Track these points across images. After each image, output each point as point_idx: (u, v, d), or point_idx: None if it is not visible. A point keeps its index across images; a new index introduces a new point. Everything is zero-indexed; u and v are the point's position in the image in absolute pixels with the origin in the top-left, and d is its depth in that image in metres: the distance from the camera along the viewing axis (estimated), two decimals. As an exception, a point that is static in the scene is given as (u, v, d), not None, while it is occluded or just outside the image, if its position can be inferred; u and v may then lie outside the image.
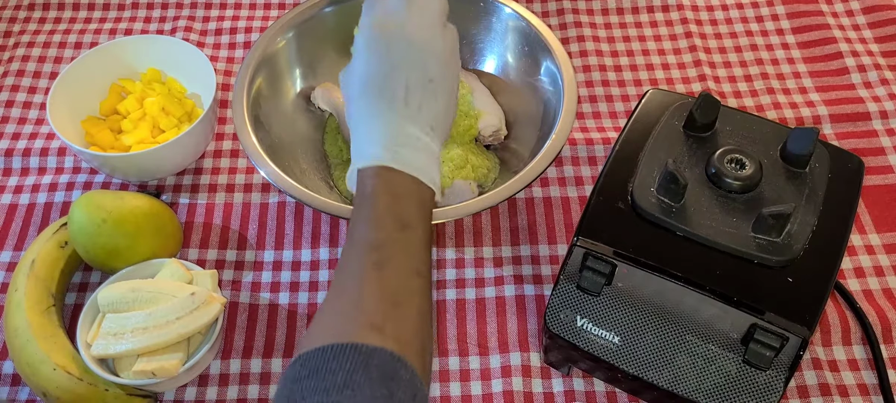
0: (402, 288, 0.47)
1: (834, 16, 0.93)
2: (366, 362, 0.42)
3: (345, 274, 0.49)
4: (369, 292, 0.47)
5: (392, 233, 0.49)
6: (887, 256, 0.73)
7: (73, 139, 0.75)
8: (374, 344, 0.43)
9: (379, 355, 0.43)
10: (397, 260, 0.48)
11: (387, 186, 0.51)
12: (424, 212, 0.52)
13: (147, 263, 0.68)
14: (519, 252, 0.74)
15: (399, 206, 0.50)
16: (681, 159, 0.60)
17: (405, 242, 0.49)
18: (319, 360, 0.43)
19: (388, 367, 0.43)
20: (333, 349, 0.43)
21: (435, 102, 0.54)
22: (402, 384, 0.43)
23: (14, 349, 0.64)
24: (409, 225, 0.50)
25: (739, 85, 0.88)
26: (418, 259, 0.49)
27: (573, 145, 0.81)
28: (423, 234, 0.51)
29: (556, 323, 0.59)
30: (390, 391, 0.42)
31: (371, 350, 0.43)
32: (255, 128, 0.71)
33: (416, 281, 0.49)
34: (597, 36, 0.92)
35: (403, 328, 0.46)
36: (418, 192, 0.52)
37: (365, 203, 0.51)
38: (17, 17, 0.96)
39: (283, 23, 0.78)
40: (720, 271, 0.54)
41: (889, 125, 0.82)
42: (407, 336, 0.46)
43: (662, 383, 0.56)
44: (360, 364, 0.42)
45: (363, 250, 0.49)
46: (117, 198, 0.68)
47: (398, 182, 0.51)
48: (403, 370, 0.43)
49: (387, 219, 0.50)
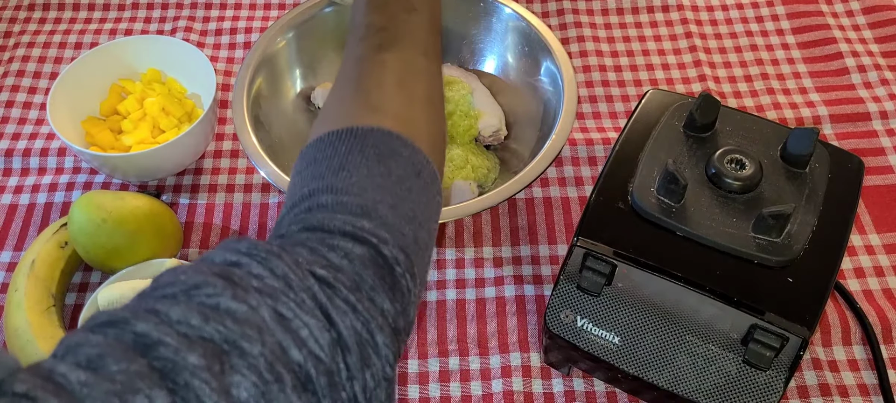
0: (405, 69, 0.45)
1: (834, 16, 0.93)
2: (362, 143, 0.41)
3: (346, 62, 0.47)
4: (369, 74, 0.45)
5: (396, 16, 0.47)
6: (887, 256, 0.73)
7: (73, 139, 0.75)
8: (370, 125, 0.42)
9: (375, 134, 0.41)
10: (401, 42, 0.46)
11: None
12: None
13: (147, 263, 0.68)
14: (519, 252, 0.74)
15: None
16: (681, 159, 0.60)
17: (410, 25, 0.47)
18: (317, 149, 0.42)
19: (386, 146, 0.41)
20: (330, 135, 0.42)
21: None
22: (401, 161, 0.41)
23: (14, 349, 0.64)
24: (415, 8, 0.47)
25: (739, 85, 0.88)
26: (425, 41, 0.47)
27: (573, 145, 0.81)
28: (428, 18, 0.48)
29: (556, 323, 0.59)
30: (388, 168, 0.40)
31: (367, 131, 0.41)
32: (255, 128, 0.71)
33: (422, 61, 0.46)
34: (597, 36, 0.92)
35: (406, 108, 0.44)
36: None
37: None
38: (17, 17, 0.96)
39: (283, 23, 0.78)
40: (720, 271, 0.54)
41: (889, 125, 0.82)
42: (410, 115, 0.43)
43: (662, 383, 0.56)
44: (355, 145, 0.41)
45: (364, 33, 0.46)
46: (117, 198, 0.68)
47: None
48: (403, 147, 0.41)
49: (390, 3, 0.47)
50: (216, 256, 0.36)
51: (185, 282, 0.33)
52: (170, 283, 0.34)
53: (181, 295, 0.33)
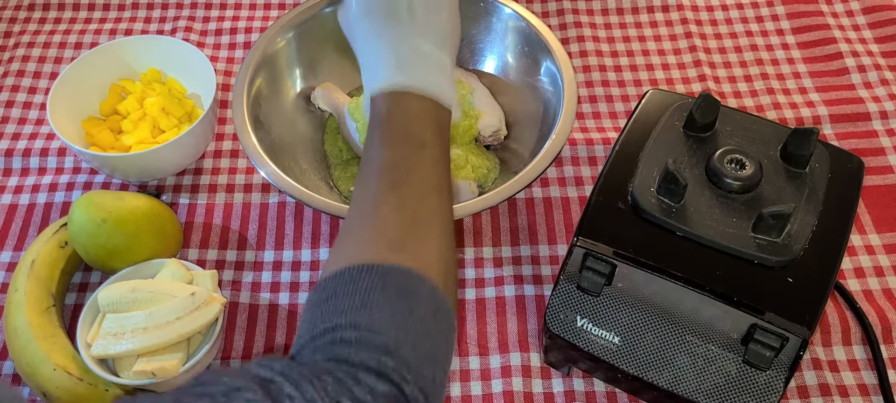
0: (420, 207, 0.46)
1: (834, 16, 0.93)
2: (383, 281, 0.42)
3: (360, 199, 0.47)
4: (386, 212, 0.45)
5: (409, 153, 0.48)
6: (887, 256, 0.73)
7: (73, 139, 0.75)
8: (391, 263, 0.42)
9: (396, 273, 0.42)
10: (414, 179, 0.47)
11: (400, 108, 0.49)
12: (441, 132, 0.50)
13: (147, 263, 0.68)
14: (519, 252, 0.74)
15: (414, 126, 0.49)
16: (681, 159, 0.60)
17: (422, 160, 0.48)
18: (338, 283, 0.42)
19: (407, 284, 0.42)
20: (351, 271, 0.42)
21: (439, 15, 0.53)
22: (421, 300, 0.42)
23: (14, 349, 0.64)
24: (426, 143, 0.48)
25: (739, 85, 0.88)
26: (437, 176, 0.48)
27: (573, 145, 0.81)
28: (440, 152, 0.49)
29: (556, 323, 0.59)
30: (410, 307, 0.41)
31: (388, 269, 0.42)
32: (255, 128, 0.71)
33: (435, 198, 0.47)
34: (597, 36, 0.92)
35: (422, 246, 0.45)
36: (434, 112, 0.50)
37: (378, 127, 0.49)
38: (17, 17, 0.96)
39: (283, 23, 0.78)
40: (720, 271, 0.54)
41: (889, 125, 0.82)
42: (426, 253, 0.44)
43: (662, 383, 0.56)
44: (377, 283, 0.41)
45: (378, 171, 0.47)
46: (117, 198, 0.68)
47: (413, 103, 0.50)
48: (422, 286, 0.42)
49: (402, 140, 0.48)
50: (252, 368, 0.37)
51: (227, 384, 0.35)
52: (211, 383, 0.35)
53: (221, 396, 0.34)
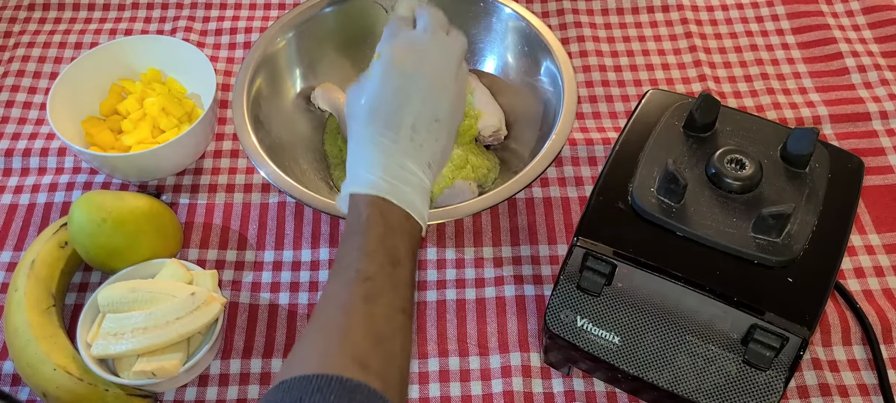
0: (387, 325, 0.48)
1: (834, 16, 0.93)
2: (350, 397, 0.43)
3: (332, 302, 0.49)
4: (356, 325, 0.47)
5: (383, 268, 0.50)
6: (887, 256, 0.73)
7: (73, 139, 0.75)
8: (358, 380, 0.44)
9: (362, 391, 0.43)
10: (386, 297, 0.49)
11: (381, 217, 0.51)
12: (413, 250, 0.53)
13: (147, 263, 0.68)
14: (519, 252, 0.74)
15: (391, 240, 0.51)
16: (681, 159, 0.60)
17: (394, 279, 0.50)
18: (302, 389, 0.43)
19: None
20: (318, 379, 0.43)
21: (436, 142, 0.55)
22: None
23: (14, 349, 0.64)
24: (399, 262, 0.50)
25: (739, 85, 0.88)
26: (404, 297, 0.50)
27: (573, 145, 0.81)
28: (410, 273, 0.51)
29: (556, 323, 0.59)
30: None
31: (355, 386, 0.43)
32: (255, 128, 0.71)
33: (401, 318, 0.49)
34: (597, 36, 0.92)
35: (387, 365, 0.46)
36: (409, 228, 0.52)
37: (358, 231, 0.51)
38: (17, 17, 0.96)
39: (283, 23, 0.78)
40: (720, 271, 0.54)
41: (889, 125, 0.82)
42: (390, 373, 0.46)
43: (662, 383, 0.56)
44: (343, 397, 0.42)
45: (353, 280, 0.49)
46: (117, 198, 0.68)
47: (392, 215, 0.52)
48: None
49: (379, 253, 0.50)
50: None
51: None
52: None
53: None
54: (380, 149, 0.53)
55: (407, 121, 0.54)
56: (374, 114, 0.54)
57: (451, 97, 0.56)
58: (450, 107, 0.56)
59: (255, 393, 0.66)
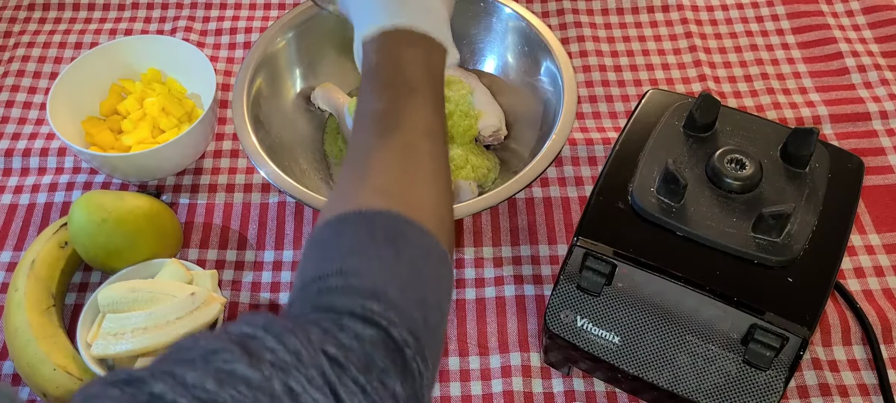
0: (410, 152, 0.46)
1: (834, 16, 0.93)
2: (370, 225, 0.41)
3: (352, 151, 0.48)
4: (375, 160, 0.45)
5: (397, 100, 0.48)
6: (887, 256, 0.73)
7: (73, 139, 0.75)
8: (377, 208, 0.42)
9: (383, 217, 0.42)
10: (404, 126, 0.47)
11: (390, 54, 0.49)
12: (432, 73, 0.50)
13: (147, 263, 0.68)
14: (519, 252, 0.74)
15: (404, 72, 0.49)
16: (681, 159, 0.60)
17: (412, 106, 0.48)
18: (326, 232, 0.42)
19: (394, 228, 0.42)
20: (338, 218, 0.42)
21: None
22: (409, 243, 0.42)
23: (14, 349, 0.64)
24: (415, 89, 0.48)
25: (739, 85, 0.88)
26: (428, 122, 0.48)
27: (573, 145, 0.81)
28: (431, 96, 0.49)
29: (556, 323, 0.59)
30: (397, 251, 0.41)
31: (374, 214, 0.42)
32: (255, 128, 0.71)
33: (426, 143, 0.47)
34: (597, 36, 0.92)
35: (412, 190, 0.44)
36: (424, 54, 0.50)
37: (368, 76, 0.49)
38: (17, 17, 0.96)
39: (283, 23, 0.78)
40: (720, 271, 0.54)
41: (889, 125, 0.82)
42: (416, 197, 0.44)
43: (662, 383, 0.56)
44: (363, 228, 0.41)
45: (368, 121, 0.47)
46: (117, 198, 0.68)
47: (402, 47, 0.49)
48: (411, 229, 0.42)
49: (391, 87, 0.48)
50: (234, 328, 0.37)
51: (203, 347, 0.34)
52: (189, 348, 0.35)
53: (199, 360, 0.34)
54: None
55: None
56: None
57: None
58: None
59: (255, 393, 0.66)
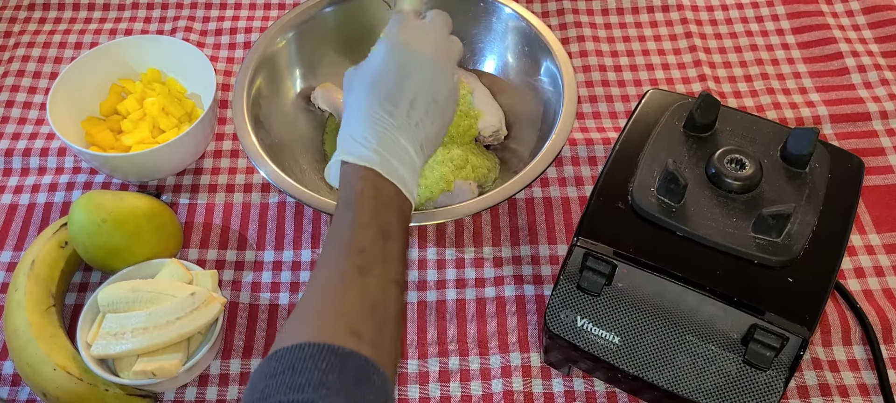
0: (380, 296, 0.49)
1: (834, 16, 0.93)
2: (342, 364, 0.43)
3: (325, 274, 0.50)
4: (350, 295, 0.47)
5: (376, 241, 0.50)
6: (887, 256, 0.73)
7: (73, 139, 0.75)
8: (350, 348, 0.44)
9: (354, 359, 0.44)
10: (378, 269, 0.49)
11: (374, 191, 0.52)
12: (404, 224, 0.53)
13: (147, 263, 0.68)
14: (519, 252, 0.74)
15: (383, 214, 0.52)
16: (681, 159, 0.60)
17: (386, 252, 0.50)
18: (295, 357, 0.43)
19: (363, 372, 0.44)
20: (311, 347, 0.43)
21: (431, 125, 0.57)
22: (374, 389, 0.44)
23: (14, 349, 0.64)
24: (391, 234, 0.51)
25: (739, 85, 0.88)
26: (396, 270, 0.51)
27: (573, 145, 0.81)
28: (401, 247, 0.52)
29: (556, 323, 0.59)
30: (363, 394, 0.43)
31: (347, 353, 0.44)
32: (255, 128, 0.71)
33: (394, 290, 0.50)
34: (597, 36, 0.92)
35: (380, 335, 0.47)
36: (400, 203, 0.53)
37: (351, 203, 0.52)
38: (17, 17, 0.96)
39: (283, 23, 0.78)
40: (720, 271, 0.54)
41: (889, 125, 0.82)
42: (382, 343, 0.47)
43: (662, 383, 0.56)
44: (335, 365, 0.43)
45: (346, 253, 0.50)
46: (117, 198, 0.68)
47: (384, 189, 0.53)
48: (376, 376, 0.44)
49: (372, 226, 0.51)
50: None
51: None
52: None
53: None
54: (376, 122, 0.54)
55: (406, 97, 0.55)
56: (375, 86, 0.55)
57: (450, 86, 0.58)
58: (447, 94, 0.58)
59: (255, 393, 0.66)
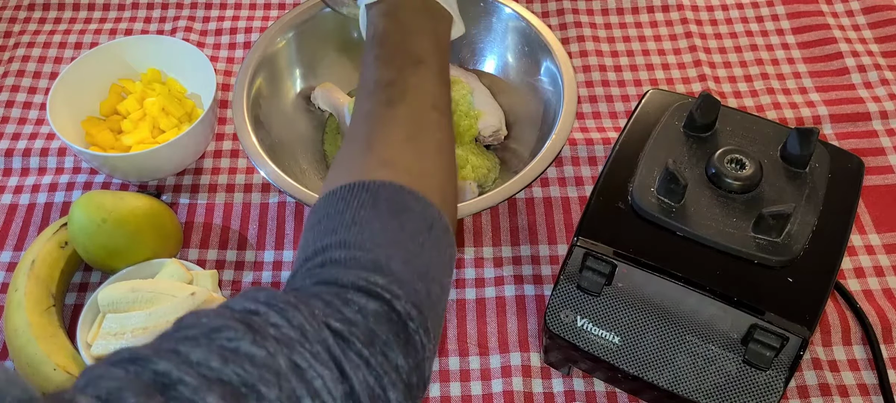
0: (415, 123, 0.45)
1: (834, 16, 0.93)
2: (374, 197, 0.41)
3: (356, 119, 0.47)
4: (380, 130, 0.45)
5: (403, 69, 0.47)
6: (887, 256, 0.73)
7: (73, 139, 0.75)
8: (381, 179, 0.42)
9: (387, 189, 0.41)
10: (411, 96, 0.46)
11: (397, 22, 0.49)
12: (439, 45, 0.50)
13: (147, 263, 0.68)
14: (519, 252, 0.74)
15: (411, 42, 0.48)
16: (681, 159, 0.60)
17: (419, 78, 0.47)
18: (328, 203, 0.42)
19: (398, 200, 0.41)
20: (342, 189, 0.42)
21: None
22: (413, 216, 0.41)
23: (14, 349, 0.64)
24: (423, 60, 0.48)
25: (739, 85, 0.88)
26: (434, 94, 0.47)
27: (573, 145, 0.81)
28: (438, 69, 0.48)
29: (556, 323, 0.59)
30: (401, 223, 0.41)
31: (379, 185, 0.41)
32: (255, 128, 0.71)
33: (432, 115, 0.46)
34: (597, 36, 0.92)
35: (417, 162, 0.44)
36: (432, 25, 0.49)
37: (374, 43, 0.49)
38: (17, 17, 0.96)
39: (283, 23, 0.78)
40: (720, 271, 0.54)
41: (889, 125, 0.82)
42: (421, 169, 0.44)
43: (662, 383, 0.56)
44: (367, 200, 0.41)
45: (374, 89, 0.47)
46: (117, 198, 0.68)
47: (409, 15, 0.49)
48: (415, 202, 0.42)
49: (397, 57, 0.47)
50: (236, 304, 0.36)
51: (206, 325, 0.34)
52: (192, 325, 0.35)
53: (202, 338, 0.34)
54: None
55: None
56: None
57: None
58: None
59: (255, 393, 0.66)
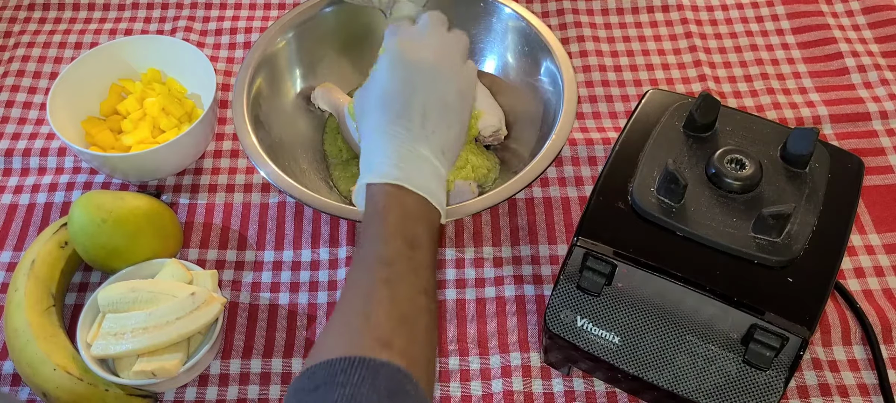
0: (410, 306, 0.48)
1: (834, 16, 0.93)
2: (374, 376, 0.43)
3: (354, 289, 0.49)
4: (379, 307, 0.47)
5: (402, 251, 0.50)
6: (887, 256, 0.73)
7: (73, 139, 0.75)
8: (382, 359, 0.44)
9: (387, 370, 0.43)
10: (406, 278, 0.49)
11: (397, 204, 0.52)
12: (432, 234, 0.53)
13: (147, 263, 0.68)
14: (519, 252, 0.74)
15: (409, 225, 0.51)
16: (681, 159, 0.60)
17: (414, 262, 0.50)
18: (327, 373, 0.43)
19: (396, 382, 0.43)
20: (342, 362, 0.43)
21: (448, 129, 0.57)
22: (408, 399, 0.43)
23: (14, 349, 0.64)
24: (418, 244, 0.51)
25: (739, 85, 0.88)
26: (425, 279, 0.50)
27: (573, 145, 0.81)
28: (430, 255, 0.52)
29: (556, 323, 0.59)
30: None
31: (379, 365, 0.43)
32: (255, 128, 0.71)
33: (423, 299, 0.49)
34: (597, 36, 0.92)
35: (411, 344, 0.46)
36: (427, 214, 0.53)
37: (375, 219, 0.52)
38: (17, 17, 0.96)
39: (283, 23, 0.78)
40: (720, 271, 0.54)
41: (889, 125, 0.82)
42: (414, 352, 0.46)
43: (662, 383, 0.56)
44: (367, 377, 0.43)
45: (373, 265, 0.49)
46: (117, 198, 0.68)
47: (408, 201, 0.52)
48: (410, 385, 0.44)
49: (397, 237, 0.50)
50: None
51: None
52: None
53: None
54: (393, 138, 0.54)
55: (417, 109, 0.55)
56: (384, 105, 0.56)
57: (458, 84, 0.58)
58: (457, 93, 0.58)
59: (254, 394, 0.66)
